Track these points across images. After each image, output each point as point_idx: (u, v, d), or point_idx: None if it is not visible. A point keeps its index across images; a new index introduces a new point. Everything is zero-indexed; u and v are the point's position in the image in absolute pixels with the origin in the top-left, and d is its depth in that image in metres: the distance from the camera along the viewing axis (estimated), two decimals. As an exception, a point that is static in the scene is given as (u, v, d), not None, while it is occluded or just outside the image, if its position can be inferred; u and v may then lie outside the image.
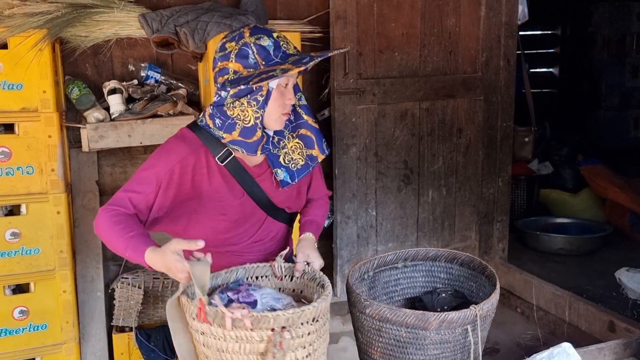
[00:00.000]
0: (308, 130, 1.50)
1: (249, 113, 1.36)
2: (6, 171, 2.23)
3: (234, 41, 1.36)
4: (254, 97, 1.35)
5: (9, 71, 2.18)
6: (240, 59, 1.33)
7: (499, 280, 1.45)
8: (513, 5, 3.09)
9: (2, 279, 2.27)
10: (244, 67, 1.33)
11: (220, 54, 1.37)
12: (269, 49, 1.33)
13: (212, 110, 1.41)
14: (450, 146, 3.09)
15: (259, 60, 1.33)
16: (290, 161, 1.48)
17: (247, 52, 1.33)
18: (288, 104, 1.40)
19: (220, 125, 1.38)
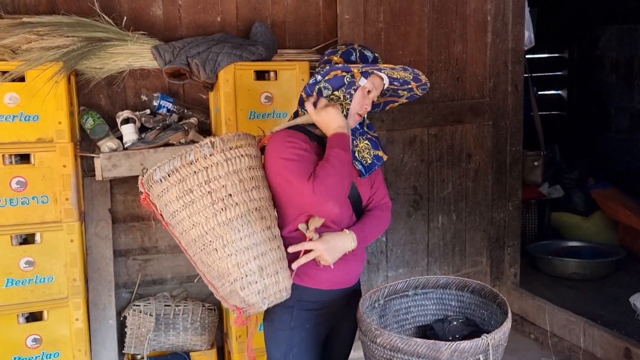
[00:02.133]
0: (373, 135, 1.75)
1: (343, 105, 1.60)
2: (22, 201, 2.27)
3: (344, 45, 1.69)
4: (348, 91, 1.60)
5: (25, 103, 2.24)
6: (344, 56, 1.63)
7: (511, 306, 1.44)
8: (519, 32, 3.13)
9: (16, 307, 2.30)
10: (345, 61, 1.61)
11: (329, 51, 1.68)
12: (369, 58, 1.64)
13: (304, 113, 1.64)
14: (460, 171, 3.10)
15: (358, 61, 1.62)
16: (362, 158, 1.68)
17: (351, 53, 1.63)
18: (365, 108, 1.63)
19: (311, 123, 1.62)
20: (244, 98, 2.46)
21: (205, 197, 1.43)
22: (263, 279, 1.46)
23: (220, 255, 1.45)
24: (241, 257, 1.44)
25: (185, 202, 1.45)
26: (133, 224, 2.74)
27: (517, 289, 3.27)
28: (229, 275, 1.46)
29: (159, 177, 1.46)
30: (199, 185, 1.43)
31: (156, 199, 1.50)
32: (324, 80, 1.60)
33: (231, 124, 2.45)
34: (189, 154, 1.45)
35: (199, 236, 1.47)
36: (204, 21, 2.71)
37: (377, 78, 1.64)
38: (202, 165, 1.44)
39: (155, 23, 2.64)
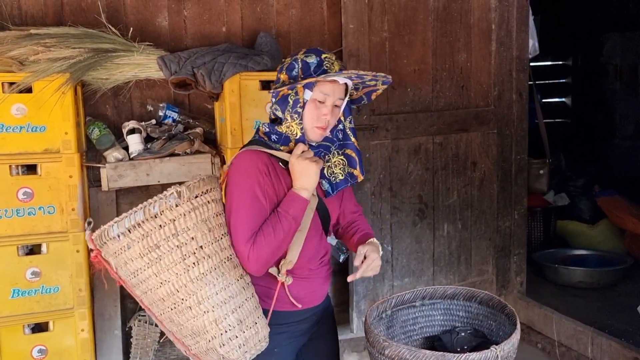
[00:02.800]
0: (353, 151, 1.62)
1: (294, 127, 1.52)
2: (28, 211, 2.28)
3: (290, 57, 1.56)
4: (295, 110, 1.51)
5: (33, 114, 2.25)
6: (288, 71, 1.52)
7: (517, 315, 1.43)
8: (523, 40, 3.14)
9: (22, 318, 2.30)
10: (289, 78, 1.52)
11: (279, 67, 1.57)
12: (311, 65, 1.50)
13: (266, 128, 1.56)
14: (465, 180, 3.10)
15: (300, 73, 1.50)
16: (332, 174, 1.60)
17: (294, 66, 1.51)
18: (323, 118, 1.51)
19: (277, 140, 1.55)
20: (249, 108, 2.47)
21: (174, 252, 1.30)
22: (243, 332, 1.36)
23: (195, 313, 1.33)
24: (219, 312, 1.33)
25: (150, 259, 1.31)
26: (139, 234, 2.74)
27: (524, 297, 3.25)
28: (206, 333, 1.34)
29: (116, 233, 1.31)
30: (166, 239, 1.30)
31: (112, 256, 1.34)
32: (275, 103, 1.54)
33: (236, 133, 2.45)
34: (153, 206, 1.31)
35: (169, 294, 1.33)
36: (210, 32, 2.73)
37: (327, 83, 1.49)
38: (169, 217, 1.30)
39: (161, 34, 2.66)
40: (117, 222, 1.32)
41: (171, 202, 1.32)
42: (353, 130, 1.62)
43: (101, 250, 1.35)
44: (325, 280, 1.65)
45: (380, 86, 1.63)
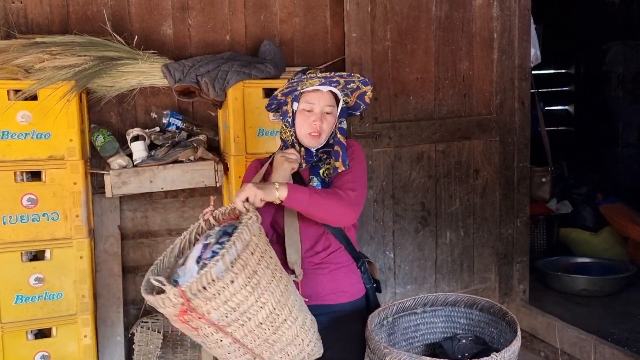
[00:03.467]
0: (338, 145, 1.74)
1: (287, 135, 1.76)
2: (32, 217, 2.29)
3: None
4: (285, 121, 1.75)
5: (38, 121, 2.27)
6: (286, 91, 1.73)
7: (520, 323, 1.43)
8: (525, 49, 3.15)
9: (26, 324, 2.30)
10: (284, 95, 1.74)
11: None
12: (295, 79, 1.68)
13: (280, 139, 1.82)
14: (467, 187, 3.10)
15: (283, 89, 1.70)
16: (327, 176, 1.73)
17: (289, 85, 1.69)
18: (313, 125, 1.69)
19: (284, 145, 1.79)
20: (252, 115, 2.49)
21: (266, 272, 1.33)
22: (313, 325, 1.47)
23: (289, 323, 1.37)
24: (301, 315, 1.41)
25: (252, 286, 1.28)
26: (142, 241, 2.76)
27: (527, 305, 3.24)
28: (296, 338, 1.40)
29: (220, 271, 1.23)
30: (259, 263, 1.31)
31: (206, 301, 1.24)
32: (279, 115, 1.82)
33: (240, 141, 2.47)
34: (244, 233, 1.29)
35: (268, 314, 1.32)
36: (214, 40, 2.75)
37: (311, 93, 1.68)
38: (255, 241, 1.33)
39: (165, 42, 2.68)
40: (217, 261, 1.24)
41: (255, 227, 1.34)
42: (342, 130, 1.76)
43: (190, 300, 1.23)
44: (331, 275, 1.67)
45: (363, 87, 1.73)
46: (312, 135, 1.69)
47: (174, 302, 1.21)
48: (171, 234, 2.79)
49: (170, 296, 1.20)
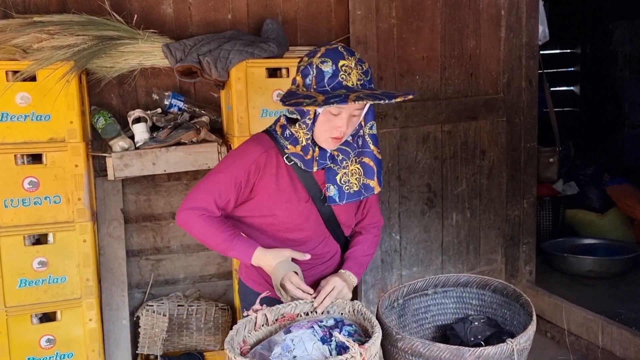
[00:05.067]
0: (371, 160, 1.54)
1: (301, 134, 1.47)
2: (34, 201, 2.26)
3: (308, 57, 1.44)
4: (303, 121, 1.45)
5: (37, 103, 2.23)
6: (303, 76, 1.42)
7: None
8: (533, 26, 3.08)
9: (30, 308, 2.29)
10: (303, 84, 1.42)
11: (299, 64, 1.46)
12: (326, 76, 1.38)
13: (284, 121, 1.52)
14: (474, 168, 3.06)
15: (312, 83, 1.39)
16: (346, 183, 1.52)
17: (308, 72, 1.41)
18: (337, 130, 1.43)
19: (288, 137, 1.49)
20: (255, 96, 2.44)
21: None
22: None
23: None
24: None
25: None
26: (145, 224, 2.73)
27: (533, 287, 3.22)
28: None
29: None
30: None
31: None
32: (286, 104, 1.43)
33: (243, 122, 2.42)
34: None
35: None
36: (215, 19, 2.69)
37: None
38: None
39: (166, 21, 2.62)
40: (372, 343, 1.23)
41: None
42: (373, 137, 1.54)
43: None
44: (326, 266, 1.64)
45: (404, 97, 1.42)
46: (332, 140, 1.45)
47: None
48: (175, 217, 2.75)
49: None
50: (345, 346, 1.21)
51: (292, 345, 1.29)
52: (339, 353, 1.27)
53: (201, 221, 1.48)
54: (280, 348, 1.29)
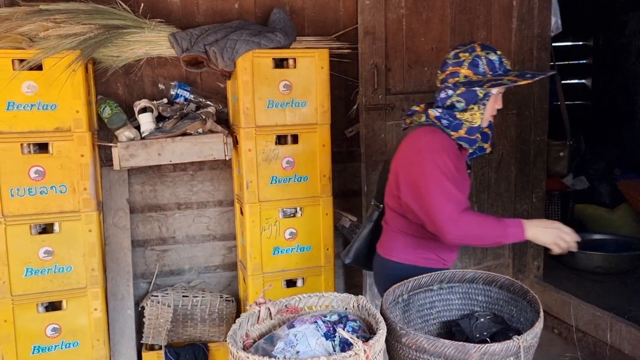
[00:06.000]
0: (488, 128, 1.78)
1: (477, 115, 1.65)
2: (40, 190, 2.26)
3: (467, 52, 1.64)
4: (482, 102, 1.64)
5: (43, 92, 2.22)
6: (471, 67, 1.63)
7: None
8: (545, 17, 3.03)
9: (36, 297, 2.30)
10: (474, 73, 1.62)
11: (453, 60, 1.66)
12: (495, 63, 1.63)
13: (439, 112, 1.66)
14: (482, 162, 3.02)
15: (487, 70, 1.62)
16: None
17: (478, 62, 1.62)
18: (497, 108, 1.69)
19: (448, 125, 1.66)
20: (262, 86, 2.41)
21: None
22: None
23: None
24: None
25: None
26: (151, 214, 2.73)
27: (541, 282, 3.19)
28: None
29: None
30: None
31: None
32: (456, 94, 1.64)
33: (249, 113, 2.40)
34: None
35: None
36: (222, 8, 2.66)
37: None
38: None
39: (172, 10, 2.60)
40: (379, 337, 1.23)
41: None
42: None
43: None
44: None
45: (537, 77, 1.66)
46: (491, 117, 1.70)
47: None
48: (180, 208, 2.76)
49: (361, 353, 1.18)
50: (349, 342, 1.19)
51: (295, 340, 1.27)
52: (343, 349, 1.25)
53: (473, 219, 1.52)
54: (283, 343, 1.28)
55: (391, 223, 1.78)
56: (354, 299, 1.45)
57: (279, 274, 2.55)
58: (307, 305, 1.45)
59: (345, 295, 1.46)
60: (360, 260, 2.02)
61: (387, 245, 1.79)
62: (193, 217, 2.78)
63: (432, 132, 1.64)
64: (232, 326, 1.34)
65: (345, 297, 1.46)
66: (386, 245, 1.80)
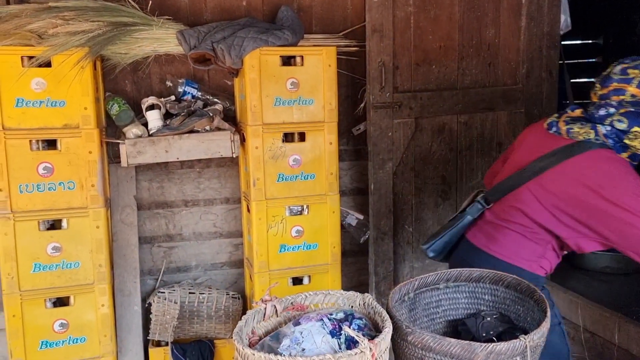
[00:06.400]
0: None
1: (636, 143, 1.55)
2: (49, 186, 2.28)
3: (638, 69, 1.57)
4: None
5: (52, 89, 2.23)
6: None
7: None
8: (555, 15, 3.00)
9: (44, 292, 2.31)
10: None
11: (619, 76, 1.59)
12: None
13: (606, 131, 1.57)
14: (490, 160, 3.01)
15: None
16: None
17: None
18: None
19: (612, 145, 1.58)
20: (269, 84, 2.42)
21: None
22: None
23: None
24: None
25: None
26: (158, 211, 2.74)
27: (548, 282, 3.15)
28: None
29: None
30: None
31: None
32: (619, 113, 1.55)
33: (256, 110, 2.41)
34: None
35: None
36: (230, 5, 2.67)
37: None
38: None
39: (180, 8, 2.60)
40: (385, 334, 1.24)
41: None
42: None
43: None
44: None
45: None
46: None
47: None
48: (187, 205, 2.77)
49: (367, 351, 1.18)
50: (355, 340, 1.19)
51: (301, 337, 1.27)
52: (349, 347, 1.25)
53: None
54: (289, 340, 1.28)
55: (521, 230, 1.71)
56: (360, 297, 1.45)
57: (285, 272, 2.56)
58: (313, 302, 1.45)
59: (352, 293, 1.46)
60: (444, 254, 1.94)
61: (510, 249, 1.71)
62: (200, 214, 2.79)
63: (616, 160, 1.57)
64: (238, 323, 1.34)
65: (351, 295, 1.45)
66: (509, 248, 1.72)
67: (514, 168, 1.76)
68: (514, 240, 1.71)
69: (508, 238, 1.71)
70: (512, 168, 1.78)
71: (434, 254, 1.93)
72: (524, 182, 1.69)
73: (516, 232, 1.71)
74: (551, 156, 1.64)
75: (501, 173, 1.86)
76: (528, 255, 1.70)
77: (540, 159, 1.66)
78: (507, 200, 1.74)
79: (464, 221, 1.86)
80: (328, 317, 1.34)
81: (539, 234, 1.69)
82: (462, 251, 1.86)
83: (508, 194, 1.74)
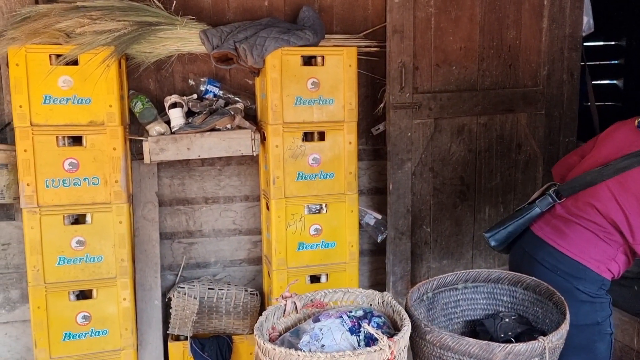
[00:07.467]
0: None
1: None
2: (74, 182, 2.33)
3: None
4: None
5: (78, 86, 2.28)
6: None
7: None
8: (577, 17, 2.98)
9: (68, 285, 2.37)
10: None
11: None
12: None
13: None
14: (509, 162, 3.00)
15: None
16: None
17: None
18: None
19: None
20: (290, 83, 2.44)
21: None
22: None
23: None
24: None
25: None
26: (179, 208, 2.78)
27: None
28: None
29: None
30: None
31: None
32: None
33: (277, 109, 2.43)
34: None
35: None
36: (252, 5, 2.70)
37: None
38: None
39: (203, 7, 2.64)
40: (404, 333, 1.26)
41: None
42: None
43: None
44: None
45: None
46: None
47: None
48: (207, 202, 2.81)
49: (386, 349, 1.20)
50: (374, 337, 1.21)
51: (321, 334, 1.30)
52: (367, 344, 1.27)
53: None
54: (309, 336, 1.30)
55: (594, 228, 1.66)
56: (378, 295, 1.47)
57: (303, 269, 2.58)
58: (333, 300, 1.47)
59: (370, 291, 1.48)
60: (505, 244, 1.89)
61: (579, 247, 1.67)
62: (220, 211, 2.83)
63: None
64: (259, 318, 1.37)
65: (370, 293, 1.47)
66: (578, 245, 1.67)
67: (595, 163, 1.68)
68: (585, 238, 1.64)
69: (579, 235, 1.64)
70: (593, 163, 1.69)
71: (496, 244, 1.86)
72: (603, 179, 1.61)
73: (589, 230, 1.64)
74: (637, 155, 1.57)
75: (578, 167, 1.77)
76: (598, 256, 1.64)
77: (625, 157, 1.59)
78: (582, 196, 1.67)
79: (532, 213, 1.80)
80: (347, 315, 1.36)
81: (613, 235, 1.62)
82: (524, 243, 1.79)
83: (584, 189, 1.66)
